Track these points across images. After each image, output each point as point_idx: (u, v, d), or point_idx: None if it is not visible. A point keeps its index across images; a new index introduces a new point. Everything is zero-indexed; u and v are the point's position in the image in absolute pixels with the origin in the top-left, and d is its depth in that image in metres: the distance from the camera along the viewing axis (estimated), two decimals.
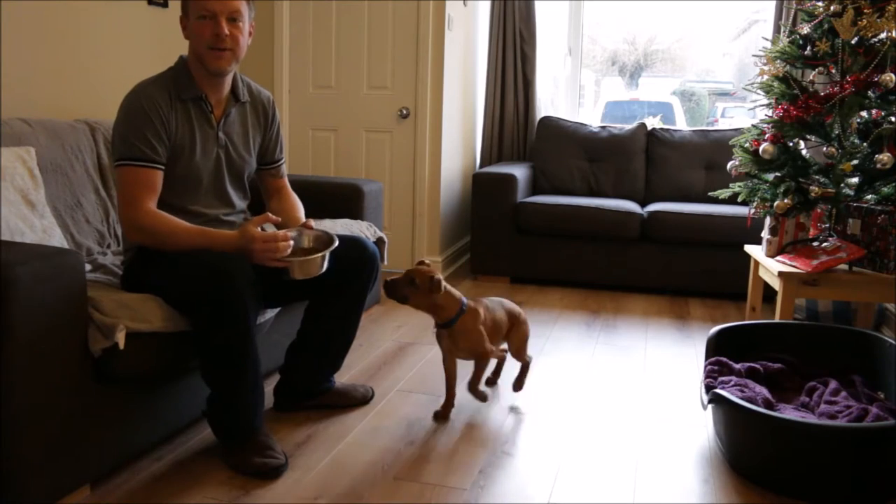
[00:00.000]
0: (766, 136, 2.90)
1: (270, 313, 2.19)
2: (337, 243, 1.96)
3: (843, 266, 2.70)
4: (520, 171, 4.07)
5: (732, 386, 2.08)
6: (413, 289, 2.08)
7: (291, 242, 1.87)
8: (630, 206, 3.92)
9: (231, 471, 1.87)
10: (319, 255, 1.91)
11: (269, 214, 1.93)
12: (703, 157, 4.26)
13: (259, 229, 1.85)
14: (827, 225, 2.82)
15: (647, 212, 3.85)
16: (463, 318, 2.15)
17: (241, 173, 2.11)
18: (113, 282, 2.07)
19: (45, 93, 2.55)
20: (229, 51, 1.92)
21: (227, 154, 2.05)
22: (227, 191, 2.06)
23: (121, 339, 1.64)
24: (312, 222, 2.05)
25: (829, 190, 2.72)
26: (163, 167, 1.89)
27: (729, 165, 3.13)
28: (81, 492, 1.72)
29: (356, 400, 2.31)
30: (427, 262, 2.15)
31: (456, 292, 2.16)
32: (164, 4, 3.04)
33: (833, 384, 2.13)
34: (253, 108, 2.13)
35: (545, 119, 4.49)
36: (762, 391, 2.06)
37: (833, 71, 2.81)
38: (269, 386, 2.37)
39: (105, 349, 1.65)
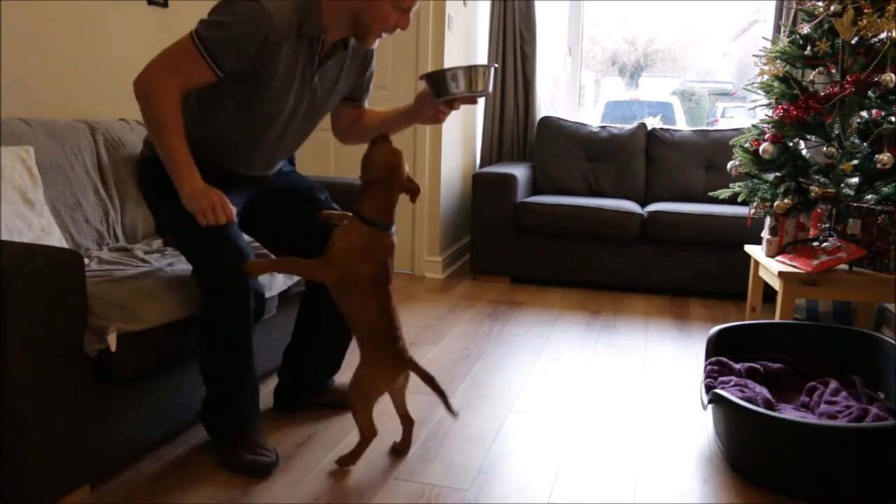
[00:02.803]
0: (766, 136, 2.90)
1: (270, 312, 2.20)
2: (496, 66, 1.97)
3: (843, 266, 2.70)
4: (520, 171, 4.07)
5: (732, 386, 2.07)
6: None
7: (234, 216, 1.79)
8: (630, 206, 3.92)
9: (224, 470, 1.87)
10: (486, 65, 1.90)
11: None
12: (703, 157, 4.26)
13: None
14: (827, 225, 2.82)
15: (647, 212, 3.85)
16: None
17: (314, 120, 2.06)
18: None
19: (45, 93, 2.55)
20: None
21: (312, 97, 1.98)
22: (293, 133, 2.03)
23: (112, 341, 1.64)
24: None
25: (829, 190, 2.72)
26: (221, 76, 1.80)
27: (729, 165, 3.13)
28: (81, 492, 1.72)
29: None
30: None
31: None
32: (164, 4, 3.03)
33: (833, 384, 2.13)
34: (354, 55, 2.04)
35: (545, 119, 4.49)
36: (762, 391, 2.05)
37: (833, 71, 2.81)
38: (268, 387, 2.37)
39: (100, 350, 1.65)
